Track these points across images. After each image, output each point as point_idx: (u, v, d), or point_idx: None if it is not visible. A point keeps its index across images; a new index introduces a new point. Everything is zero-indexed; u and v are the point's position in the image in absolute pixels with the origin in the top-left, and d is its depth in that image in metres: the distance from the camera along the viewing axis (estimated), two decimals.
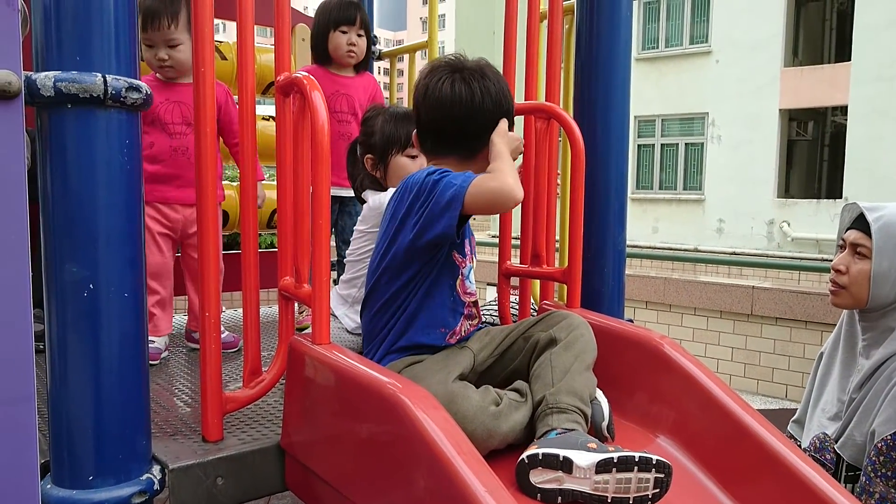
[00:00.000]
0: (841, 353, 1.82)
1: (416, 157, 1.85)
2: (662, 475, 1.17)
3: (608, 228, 2.07)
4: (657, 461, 1.17)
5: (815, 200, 13.20)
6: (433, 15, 2.74)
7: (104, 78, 1.16)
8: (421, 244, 1.38)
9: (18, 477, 1.08)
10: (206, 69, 1.40)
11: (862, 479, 1.60)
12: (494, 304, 2.12)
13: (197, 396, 1.75)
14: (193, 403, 1.73)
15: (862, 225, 1.73)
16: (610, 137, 2.07)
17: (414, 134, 1.61)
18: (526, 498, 1.18)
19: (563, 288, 2.08)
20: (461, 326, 1.51)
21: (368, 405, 1.21)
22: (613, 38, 2.05)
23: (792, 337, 7.04)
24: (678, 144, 14.55)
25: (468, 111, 1.46)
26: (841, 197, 12.56)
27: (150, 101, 1.25)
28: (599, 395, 1.44)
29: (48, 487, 1.22)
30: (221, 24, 2.95)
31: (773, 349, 7.19)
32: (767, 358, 7.24)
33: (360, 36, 2.54)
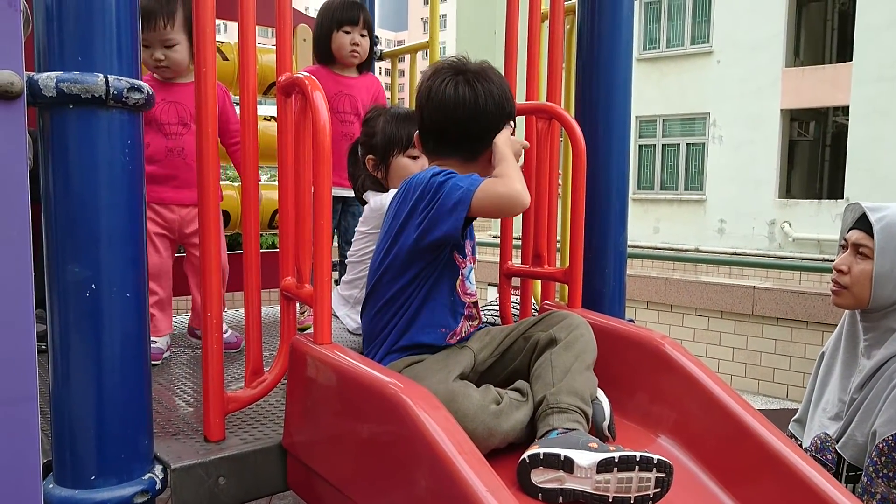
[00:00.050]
0: (842, 353, 1.82)
1: (417, 157, 1.85)
2: (664, 475, 1.17)
3: (609, 229, 2.07)
4: (658, 461, 1.17)
5: (816, 201, 13.20)
6: (434, 15, 2.74)
7: (106, 78, 1.16)
8: (424, 244, 1.38)
9: (21, 477, 1.09)
10: (207, 69, 1.40)
11: (863, 479, 1.60)
12: (496, 304, 2.12)
13: (199, 396, 1.75)
14: (195, 403, 1.74)
15: (864, 225, 1.73)
16: (611, 138, 2.06)
17: (416, 135, 1.61)
18: (527, 497, 1.18)
19: (564, 288, 2.08)
20: (462, 327, 1.51)
21: (370, 405, 1.21)
22: (615, 38, 2.05)
23: (793, 337, 7.04)
24: (679, 145, 14.56)
25: (471, 113, 1.47)
26: (842, 197, 12.55)
27: (151, 101, 1.25)
28: (600, 394, 1.44)
29: (50, 487, 1.22)
30: (223, 24, 2.95)
31: (774, 349, 7.18)
32: (768, 358, 7.23)
33: (363, 36, 2.54)
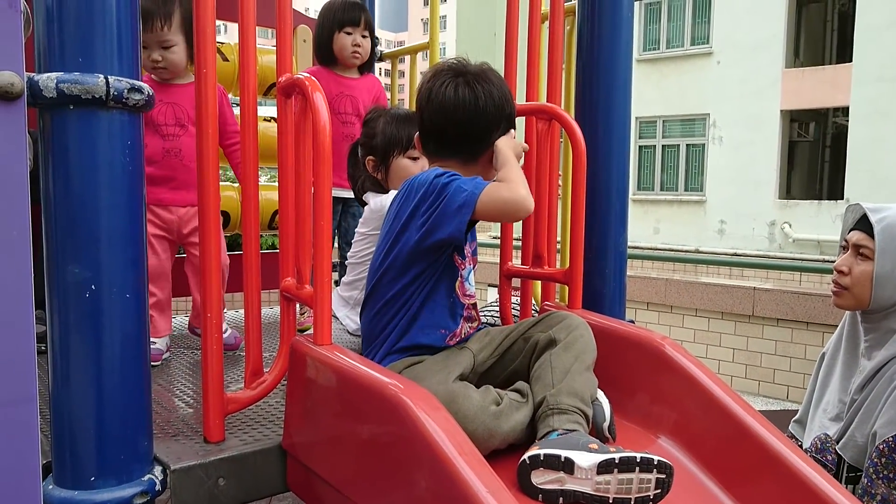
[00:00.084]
0: (843, 354, 1.82)
1: (417, 158, 1.85)
2: (664, 476, 1.17)
3: (609, 229, 2.07)
4: (659, 462, 1.17)
5: (816, 201, 13.20)
6: (434, 16, 2.74)
7: (106, 79, 1.16)
8: (426, 246, 1.38)
9: (20, 477, 1.08)
10: (207, 70, 1.40)
11: (863, 480, 1.60)
12: (496, 305, 2.12)
13: (198, 397, 1.75)
14: (195, 404, 1.73)
15: (865, 226, 1.73)
16: (611, 138, 2.06)
17: (416, 136, 1.61)
18: (527, 498, 1.18)
19: (564, 289, 2.08)
20: (461, 328, 1.51)
21: (370, 406, 1.21)
22: (615, 39, 2.05)
23: (793, 338, 7.03)
24: (679, 145, 14.56)
25: (471, 115, 1.47)
26: (842, 198, 12.56)
27: (152, 102, 1.25)
28: (601, 395, 1.44)
29: (50, 488, 1.22)
30: (223, 25, 2.95)
31: (774, 350, 7.17)
32: (768, 359, 7.22)
33: (364, 37, 2.54)
